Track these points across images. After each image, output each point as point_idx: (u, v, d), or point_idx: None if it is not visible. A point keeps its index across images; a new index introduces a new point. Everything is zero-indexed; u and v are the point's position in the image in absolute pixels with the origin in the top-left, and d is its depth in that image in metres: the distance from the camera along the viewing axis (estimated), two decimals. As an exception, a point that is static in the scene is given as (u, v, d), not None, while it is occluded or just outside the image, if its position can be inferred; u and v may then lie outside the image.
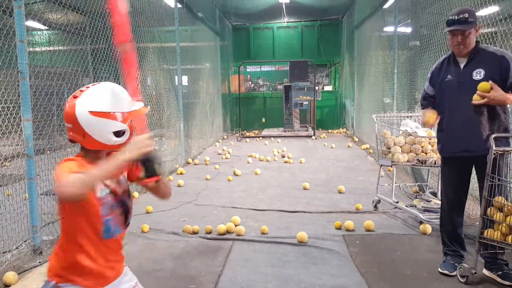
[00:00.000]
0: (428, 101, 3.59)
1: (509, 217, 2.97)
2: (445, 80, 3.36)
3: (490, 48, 3.26)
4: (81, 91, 1.71)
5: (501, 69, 3.12)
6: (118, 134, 1.71)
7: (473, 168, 3.40)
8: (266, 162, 8.83)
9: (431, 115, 3.43)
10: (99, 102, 1.67)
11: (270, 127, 15.04)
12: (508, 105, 3.23)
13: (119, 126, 1.70)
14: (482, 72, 3.17)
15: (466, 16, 3.12)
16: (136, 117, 1.72)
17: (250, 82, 16.85)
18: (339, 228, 4.54)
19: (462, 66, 3.29)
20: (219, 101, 13.25)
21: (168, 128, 8.23)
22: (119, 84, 1.82)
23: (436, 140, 3.73)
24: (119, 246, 1.87)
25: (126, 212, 1.87)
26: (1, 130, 4.10)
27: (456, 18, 3.15)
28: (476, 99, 3.09)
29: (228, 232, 4.46)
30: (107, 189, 1.76)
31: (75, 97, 1.69)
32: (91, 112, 1.65)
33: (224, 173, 7.66)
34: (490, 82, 3.05)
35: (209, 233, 4.49)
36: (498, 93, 3.02)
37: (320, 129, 14.51)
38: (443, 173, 3.54)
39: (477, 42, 3.27)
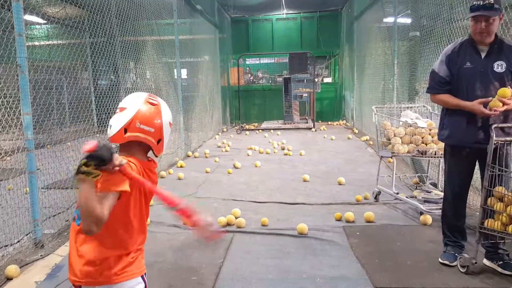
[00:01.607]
0: (446, 88, 3.29)
1: (509, 207, 2.97)
2: (463, 67, 3.21)
3: (507, 41, 3.20)
4: (153, 98, 1.85)
5: None
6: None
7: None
8: (266, 155, 8.83)
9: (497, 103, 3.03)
10: (170, 114, 1.91)
11: (269, 120, 15.04)
12: None
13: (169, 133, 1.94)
14: (504, 65, 3.10)
15: (492, 2, 3.00)
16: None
17: (250, 75, 16.81)
18: (339, 220, 4.55)
19: (483, 55, 3.18)
20: (218, 94, 13.23)
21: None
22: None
23: (436, 131, 3.69)
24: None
25: None
26: (1, 124, 4.10)
27: (481, 3, 3.02)
28: (494, 106, 2.97)
29: (228, 224, 4.47)
30: None
31: (153, 104, 1.82)
32: (170, 124, 1.89)
33: (224, 165, 7.66)
34: (510, 88, 3.00)
35: (210, 225, 4.49)
36: None
37: (320, 121, 14.50)
38: (450, 164, 3.45)
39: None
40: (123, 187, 1.60)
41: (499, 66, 3.11)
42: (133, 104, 1.78)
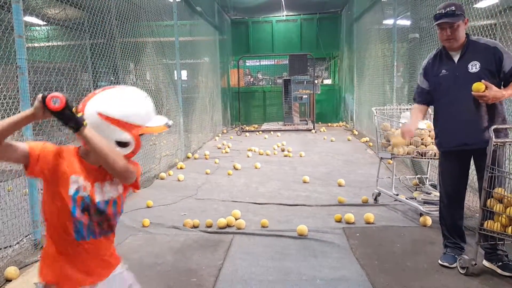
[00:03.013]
0: (425, 97, 3.53)
1: (509, 208, 2.97)
2: (439, 75, 3.35)
3: (482, 40, 3.26)
4: (104, 89, 1.66)
5: (495, 59, 3.13)
6: (121, 144, 1.64)
7: (471, 160, 3.40)
8: (266, 156, 8.83)
9: (400, 141, 3.59)
10: (112, 106, 1.60)
11: (269, 121, 15.05)
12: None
13: (124, 137, 1.63)
14: (478, 64, 3.17)
15: (453, 9, 3.13)
16: (151, 133, 1.69)
17: (250, 76, 16.81)
18: (339, 221, 4.55)
19: (456, 59, 3.28)
20: (218, 95, 13.24)
21: (168, 122, 8.20)
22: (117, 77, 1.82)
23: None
24: (99, 251, 1.75)
25: (105, 221, 1.74)
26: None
27: (443, 11, 3.17)
28: (477, 89, 3.06)
29: (228, 225, 4.47)
30: (85, 192, 1.66)
31: (94, 94, 1.65)
32: (100, 114, 1.59)
33: (224, 167, 7.66)
34: (483, 81, 3.05)
35: (210, 227, 4.50)
36: (493, 90, 3.03)
37: (319, 122, 14.51)
38: (442, 167, 3.54)
39: (467, 34, 3.27)
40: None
41: (473, 66, 3.19)
42: None
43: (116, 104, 1.61)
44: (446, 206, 3.49)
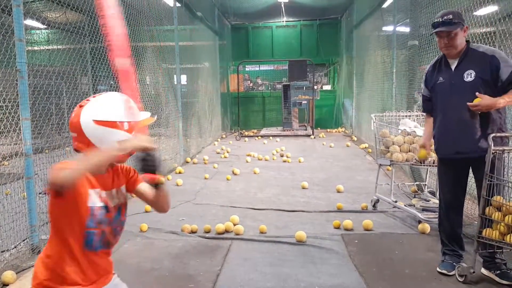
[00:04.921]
0: (427, 104, 3.54)
1: (507, 216, 2.97)
2: (437, 83, 3.37)
3: (481, 48, 3.24)
4: (87, 100, 1.70)
5: (491, 68, 3.10)
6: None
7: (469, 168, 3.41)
8: (265, 161, 8.83)
9: (424, 153, 3.56)
10: (104, 111, 1.66)
11: (268, 126, 15.06)
12: (507, 106, 3.22)
13: (123, 135, 1.67)
14: (473, 73, 3.16)
15: (451, 18, 3.14)
16: (143, 127, 1.73)
17: (249, 81, 16.85)
18: (337, 227, 4.54)
19: (453, 67, 3.28)
20: (218, 100, 13.25)
21: (167, 127, 8.22)
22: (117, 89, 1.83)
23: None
24: (103, 260, 1.78)
25: (114, 232, 1.80)
26: (-1, 129, 4.09)
27: (440, 20, 3.18)
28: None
29: (226, 231, 4.46)
30: (101, 202, 1.70)
31: (80, 106, 1.68)
32: (96, 121, 1.64)
33: (223, 172, 7.65)
34: (477, 93, 3.07)
35: (208, 232, 4.49)
36: (485, 99, 3.04)
37: (318, 128, 14.53)
38: (440, 173, 3.58)
39: (467, 42, 3.26)
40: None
41: (468, 75, 3.18)
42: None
43: (107, 108, 1.67)
44: (445, 213, 3.50)
